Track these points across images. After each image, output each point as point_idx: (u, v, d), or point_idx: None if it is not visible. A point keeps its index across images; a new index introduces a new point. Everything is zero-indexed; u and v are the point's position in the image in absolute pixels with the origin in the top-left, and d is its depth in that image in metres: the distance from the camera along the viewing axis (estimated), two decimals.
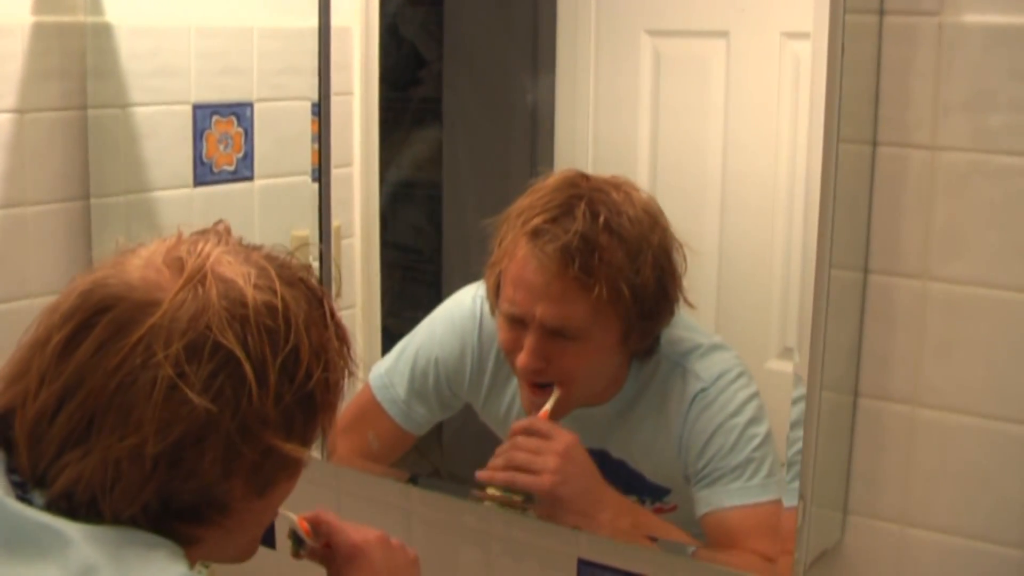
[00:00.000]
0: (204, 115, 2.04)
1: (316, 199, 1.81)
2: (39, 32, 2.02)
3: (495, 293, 1.69)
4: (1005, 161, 1.37)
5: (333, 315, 1.19)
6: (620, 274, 1.57)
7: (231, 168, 2.06)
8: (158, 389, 1.06)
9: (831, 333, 1.43)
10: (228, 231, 1.20)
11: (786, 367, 1.48)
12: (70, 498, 1.09)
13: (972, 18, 1.37)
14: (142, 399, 1.06)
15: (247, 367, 1.08)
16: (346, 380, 1.21)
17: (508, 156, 1.89)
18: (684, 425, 1.63)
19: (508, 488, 1.63)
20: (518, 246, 1.62)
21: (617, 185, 1.62)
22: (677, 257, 1.61)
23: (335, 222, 1.84)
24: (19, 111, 2.01)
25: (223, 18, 2.06)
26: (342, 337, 1.20)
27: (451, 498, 1.85)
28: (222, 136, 2.04)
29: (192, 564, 1.13)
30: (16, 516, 1.08)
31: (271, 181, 2.06)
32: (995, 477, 1.43)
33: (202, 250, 1.14)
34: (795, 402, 1.45)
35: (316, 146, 1.81)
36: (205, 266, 1.11)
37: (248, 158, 2.06)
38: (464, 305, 1.82)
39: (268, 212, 2.06)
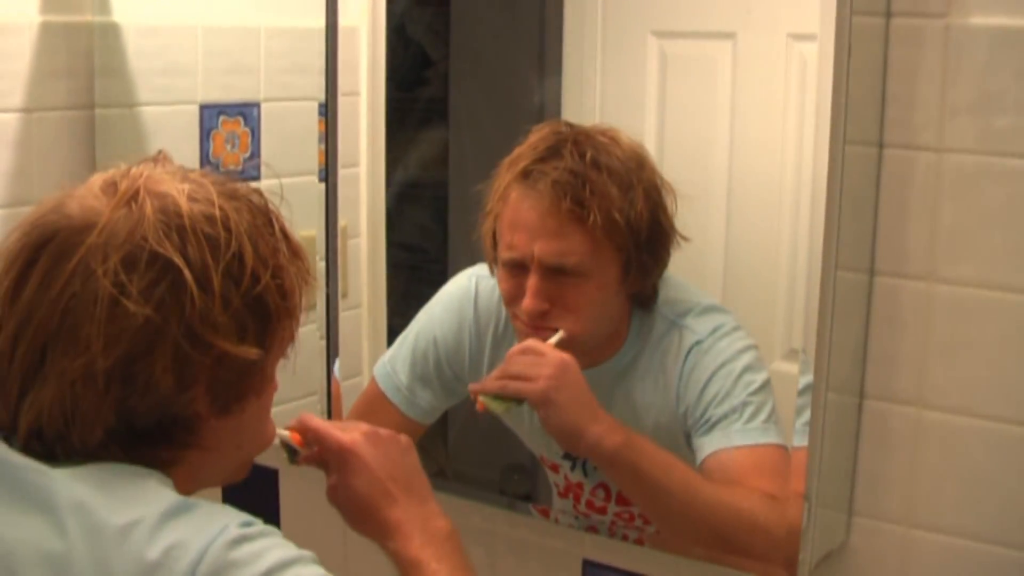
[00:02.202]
0: (211, 115, 2.04)
1: (323, 199, 1.82)
2: (47, 31, 2.02)
3: (492, 244, 1.70)
4: (1011, 163, 1.37)
5: (283, 228, 1.20)
6: (613, 204, 1.58)
7: (238, 168, 2.06)
8: (100, 305, 1.08)
9: (837, 335, 1.43)
10: (167, 157, 1.21)
11: (792, 368, 1.49)
12: (40, 436, 1.12)
13: (979, 20, 1.37)
14: (86, 318, 1.08)
15: (187, 273, 1.09)
16: (302, 290, 1.21)
17: None
18: (680, 378, 1.63)
19: (500, 395, 1.60)
20: (510, 190, 1.64)
21: (602, 131, 1.64)
22: (668, 197, 1.62)
23: (342, 222, 1.84)
24: (26, 110, 2.01)
25: (230, 18, 2.06)
26: (294, 250, 1.21)
27: (456, 498, 1.85)
28: (229, 136, 2.04)
29: (187, 492, 1.14)
30: (4, 462, 1.11)
31: (278, 181, 2.06)
32: (1000, 479, 1.44)
33: (136, 172, 1.16)
34: (801, 403, 1.45)
35: (323, 146, 1.81)
36: (138, 184, 1.13)
37: (255, 158, 2.06)
38: (460, 284, 1.84)
39: None
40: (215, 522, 1.07)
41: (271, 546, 1.08)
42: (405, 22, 1.99)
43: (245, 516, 1.10)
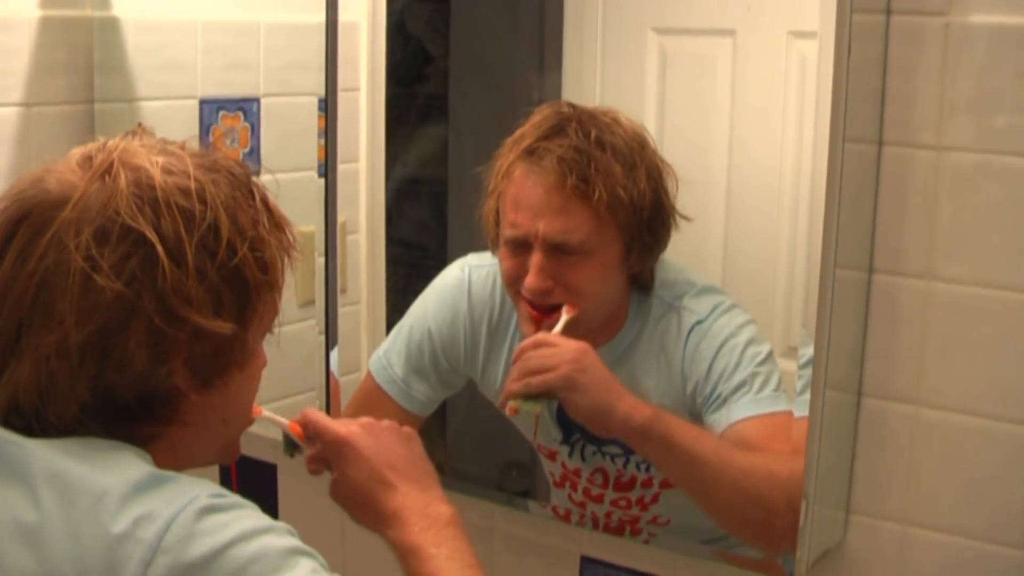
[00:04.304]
0: (211, 110, 2.04)
1: (322, 195, 1.82)
2: (46, 26, 2.03)
3: (495, 223, 1.70)
4: (1010, 162, 1.37)
5: (264, 200, 1.19)
6: (617, 182, 1.58)
7: None
8: (72, 280, 1.07)
9: (835, 333, 1.43)
10: (146, 130, 1.21)
11: (790, 366, 1.49)
12: (18, 412, 1.11)
13: (978, 18, 1.37)
14: (59, 293, 1.08)
15: (159, 247, 1.08)
16: (284, 262, 1.20)
17: None
18: (683, 358, 1.64)
19: (526, 394, 1.60)
20: (514, 168, 1.64)
21: (604, 111, 1.64)
22: (668, 179, 1.62)
23: (341, 218, 1.84)
24: (26, 105, 2.01)
25: (230, 13, 2.06)
26: (277, 222, 1.20)
27: (454, 494, 1.84)
28: (228, 131, 2.04)
29: (168, 468, 1.14)
30: None
31: (277, 176, 2.06)
32: (997, 477, 1.44)
33: (112, 145, 1.15)
34: (799, 401, 1.45)
35: (322, 142, 1.81)
36: (113, 157, 1.13)
37: (254, 153, 2.06)
38: (452, 275, 1.84)
39: None
40: (186, 493, 1.06)
41: (241, 517, 1.07)
42: (405, 18, 1.99)
43: (218, 488, 1.09)
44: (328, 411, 1.86)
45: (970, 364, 1.43)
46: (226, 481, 1.99)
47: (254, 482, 2.04)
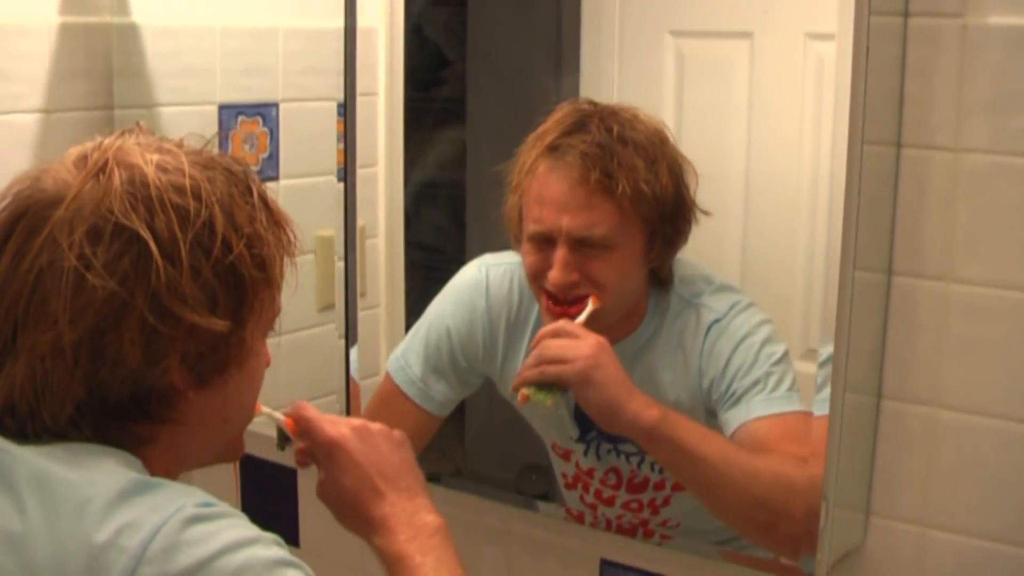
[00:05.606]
0: (229, 115, 2.04)
1: (341, 199, 1.82)
2: (65, 33, 2.03)
3: (517, 220, 1.70)
4: None
5: (262, 196, 1.18)
6: (640, 176, 1.59)
7: (256, 168, 2.06)
8: (65, 279, 1.07)
9: (854, 335, 1.43)
10: (143, 128, 1.20)
11: (809, 368, 1.49)
12: (13, 413, 1.11)
13: (995, 20, 1.37)
14: (53, 293, 1.07)
15: (153, 245, 1.08)
16: (283, 260, 1.20)
17: None
18: (701, 355, 1.65)
19: (540, 383, 1.61)
20: (538, 164, 1.65)
21: (624, 108, 1.65)
22: (688, 174, 1.63)
23: (360, 222, 1.85)
24: (45, 111, 2.02)
25: (248, 19, 2.07)
26: (275, 220, 1.19)
27: (473, 497, 1.86)
28: (247, 136, 2.05)
29: (167, 471, 1.14)
30: None
31: (296, 181, 2.07)
32: (1017, 479, 1.43)
33: (107, 144, 1.15)
34: (818, 403, 1.45)
35: (341, 146, 1.82)
36: (107, 156, 1.12)
37: (273, 158, 2.06)
38: (469, 274, 1.84)
39: (293, 212, 2.06)
40: (172, 502, 1.05)
41: (228, 526, 1.06)
42: (422, 22, 1.99)
43: (206, 497, 1.08)
44: (348, 415, 1.87)
45: (988, 365, 1.43)
46: (246, 488, 2.00)
47: (274, 487, 2.04)
